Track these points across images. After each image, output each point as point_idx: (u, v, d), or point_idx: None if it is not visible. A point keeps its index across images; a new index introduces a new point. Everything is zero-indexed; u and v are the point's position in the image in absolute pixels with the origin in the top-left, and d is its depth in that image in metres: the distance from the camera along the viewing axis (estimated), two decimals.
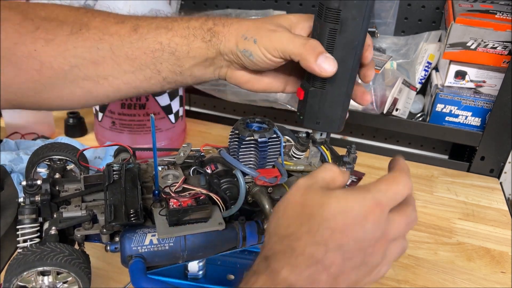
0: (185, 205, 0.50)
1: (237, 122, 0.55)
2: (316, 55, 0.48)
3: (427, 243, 0.77)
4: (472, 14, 0.92)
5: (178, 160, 0.59)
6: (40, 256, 0.46)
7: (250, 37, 0.52)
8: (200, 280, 0.64)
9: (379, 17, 1.08)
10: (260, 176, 0.54)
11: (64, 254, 0.46)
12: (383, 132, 1.17)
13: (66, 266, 0.46)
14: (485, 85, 0.95)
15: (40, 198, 0.52)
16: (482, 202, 0.89)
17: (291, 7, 1.13)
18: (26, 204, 0.52)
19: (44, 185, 0.53)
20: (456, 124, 0.97)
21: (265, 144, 0.54)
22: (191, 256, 0.53)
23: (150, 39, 0.53)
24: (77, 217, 0.51)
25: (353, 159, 0.62)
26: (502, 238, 0.79)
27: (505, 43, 0.89)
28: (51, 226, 0.51)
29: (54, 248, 0.47)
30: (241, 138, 0.53)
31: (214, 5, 1.19)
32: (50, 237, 0.50)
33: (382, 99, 0.98)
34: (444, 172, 0.98)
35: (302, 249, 0.37)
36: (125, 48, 0.54)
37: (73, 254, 0.47)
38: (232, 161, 0.54)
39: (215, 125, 1.11)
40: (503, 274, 0.72)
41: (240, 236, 0.54)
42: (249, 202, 0.57)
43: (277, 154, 0.56)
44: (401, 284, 0.68)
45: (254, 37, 0.52)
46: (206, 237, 0.52)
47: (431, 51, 1.02)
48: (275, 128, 0.55)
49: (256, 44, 0.52)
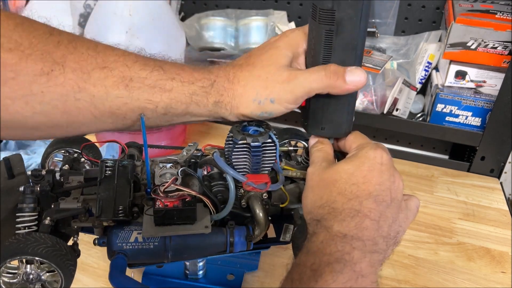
0: (171, 205, 0.50)
1: (234, 124, 0.55)
2: (343, 78, 0.46)
3: (427, 243, 0.77)
4: (472, 14, 0.92)
5: (180, 159, 0.59)
6: (23, 245, 0.46)
7: (264, 99, 0.49)
8: (200, 280, 0.64)
9: (379, 17, 1.08)
10: (248, 182, 0.52)
11: (46, 245, 0.47)
12: (383, 132, 1.16)
13: (47, 257, 0.47)
14: (485, 85, 0.95)
15: (40, 188, 0.52)
16: (482, 202, 0.89)
17: (291, 7, 1.13)
18: (27, 193, 0.52)
19: (47, 175, 0.54)
20: (456, 124, 0.97)
21: (258, 149, 0.53)
22: (175, 257, 0.53)
23: (142, 99, 0.47)
24: (72, 209, 0.52)
25: None
26: (502, 238, 0.79)
27: (505, 43, 0.89)
28: (47, 216, 0.51)
29: (38, 238, 0.47)
30: (234, 142, 0.53)
31: (214, 5, 1.19)
32: (43, 226, 0.50)
33: (382, 99, 0.98)
34: (444, 172, 0.98)
35: (341, 207, 0.44)
36: (109, 102, 0.46)
37: (56, 245, 0.48)
38: (221, 164, 0.53)
39: (215, 125, 1.11)
40: (503, 274, 0.72)
41: (227, 241, 0.53)
42: (243, 206, 0.56)
43: (272, 160, 0.54)
44: (401, 284, 0.68)
45: (269, 97, 0.49)
46: (191, 239, 0.52)
47: (431, 51, 1.02)
48: (271, 132, 0.53)
49: (274, 104, 0.49)
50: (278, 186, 0.56)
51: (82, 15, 1.08)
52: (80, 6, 1.07)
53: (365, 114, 0.99)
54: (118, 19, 0.75)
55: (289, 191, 0.59)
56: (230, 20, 1.12)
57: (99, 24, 0.77)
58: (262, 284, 0.66)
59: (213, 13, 1.14)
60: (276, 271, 0.68)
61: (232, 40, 1.13)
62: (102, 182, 0.53)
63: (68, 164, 0.61)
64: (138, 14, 0.75)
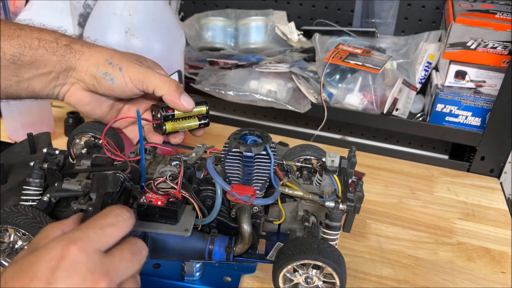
0: (156, 202, 0.50)
1: (235, 130, 0.55)
2: (180, 92, 0.56)
3: (427, 243, 0.77)
4: (472, 14, 0.92)
5: (190, 160, 0.59)
6: (7, 215, 0.49)
7: (115, 64, 0.55)
8: (197, 282, 0.64)
9: (379, 17, 1.08)
10: (231, 191, 0.51)
11: (27, 217, 0.49)
12: (383, 132, 1.17)
13: (25, 227, 0.49)
14: (485, 85, 0.95)
15: (48, 166, 0.56)
16: (482, 202, 0.89)
17: (291, 7, 1.13)
18: (35, 169, 0.56)
19: (59, 155, 0.58)
20: (456, 124, 0.97)
21: (250, 159, 0.52)
22: (152, 254, 0.53)
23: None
24: (71, 190, 0.54)
25: (352, 164, 0.60)
26: (502, 238, 0.79)
27: (505, 43, 0.89)
28: (46, 194, 0.54)
29: (21, 210, 0.50)
30: (229, 149, 0.53)
31: (214, 5, 1.19)
32: (40, 202, 0.53)
33: (382, 99, 0.98)
34: (444, 172, 0.98)
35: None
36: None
37: (37, 218, 0.50)
38: (210, 169, 0.52)
39: (215, 125, 1.11)
40: (503, 274, 0.72)
41: (206, 248, 0.53)
42: (232, 216, 0.55)
43: (267, 174, 0.53)
44: (401, 284, 0.68)
45: (120, 65, 0.55)
46: (171, 239, 0.52)
47: (431, 51, 1.02)
48: (268, 145, 0.52)
49: (121, 72, 0.55)
50: (267, 201, 0.54)
51: (82, 15, 1.08)
52: (80, 6, 1.07)
53: (365, 114, 0.99)
54: (118, 19, 0.75)
55: (288, 209, 0.57)
56: (229, 20, 1.12)
57: (99, 24, 0.77)
58: (262, 285, 0.66)
59: (212, 13, 1.14)
60: None
61: (231, 40, 1.13)
62: None
63: (87, 149, 0.64)
64: (137, 14, 0.75)
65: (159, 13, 0.78)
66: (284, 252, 0.51)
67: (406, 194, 0.90)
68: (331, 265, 0.50)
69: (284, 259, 0.51)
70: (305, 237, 0.53)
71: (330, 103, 1.02)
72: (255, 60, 1.03)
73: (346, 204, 0.53)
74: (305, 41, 1.10)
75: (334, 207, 0.53)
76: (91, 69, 0.55)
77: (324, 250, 0.50)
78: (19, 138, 0.90)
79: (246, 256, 0.55)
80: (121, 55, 0.57)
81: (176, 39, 0.82)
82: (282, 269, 0.52)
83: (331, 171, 0.56)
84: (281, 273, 0.52)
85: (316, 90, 1.01)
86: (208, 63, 1.08)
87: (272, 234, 0.59)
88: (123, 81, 0.55)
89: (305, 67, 1.04)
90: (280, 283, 0.53)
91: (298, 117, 1.09)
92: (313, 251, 0.49)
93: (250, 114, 1.25)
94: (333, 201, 0.53)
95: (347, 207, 0.53)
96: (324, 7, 1.11)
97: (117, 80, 0.55)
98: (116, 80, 0.55)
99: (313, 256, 0.49)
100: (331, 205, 0.53)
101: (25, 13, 1.08)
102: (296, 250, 0.50)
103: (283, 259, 0.51)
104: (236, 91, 0.99)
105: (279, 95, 0.99)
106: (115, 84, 0.56)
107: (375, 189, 0.91)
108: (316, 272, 0.53)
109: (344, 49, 1.02)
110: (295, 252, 0.50)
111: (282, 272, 0.52)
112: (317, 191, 0.57)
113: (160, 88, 0.56)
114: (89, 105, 0.59)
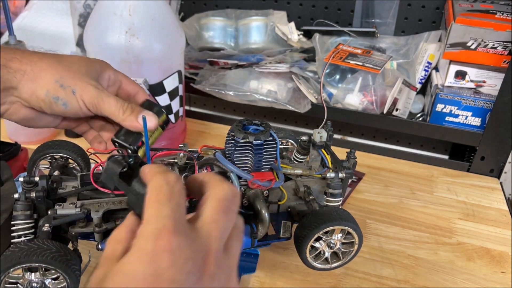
0: None
1: (234, 124, 0.55)
2: (137, 112, 0.53)
3: (427, 243, 0.77)
4: (472, 14, 0.92)
5: (180, 161, 0.59)
6: (26, 253, 0.46)
7: (67, 86, 0.51)
8: None
9: (379, 17, 1.08)
10: (253, 180, 0.54)
11: (51, 251, 0.46)
12: (383, 132, 1.17)
13: (52, 263, 0.46)
14: (485, 85, 0.95)
15: (35, 195, 0.52)
16: (482, 202, 0.89)
17: (291, 7, 1.13)
18: (21, 200, 0.52)
19: (41, 182, 0.54)
20: (456, 124, 0.97)
21: (260, 146, 0.54)
22: None
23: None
24: (71, 214, 0.52)
25: (353, 164, 0.62)
26: (502, 238, 0.79)
27: (505, 43, 0.89)
28: (45, 223, 0.51)
29: (41, 244, 0.47)
30: (236, 141, 0.53)
31: (214, 5, 1.19)
32: (42, 233, 0.50)
33: (382, 99, 0.98)
34: (444, 172, 0.98)
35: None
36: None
37: (61, 251, 0.47)
38: (226, 163, 0.54)
39: (215, 125, 1.11)
40: (503, 274, 0.72)
41: None
42: (244, 205, 0.56)
43: (273, 157, 0.56)
44: (401, 284, 0.68)
45: (73, 87, 0.52)
46: None
47: (431, 51, 1.02)
48: (272, 131, 0.54)
49: (75, 95, 0.52)
50: (280, 183, 0.57)
51: (82, 15, 1.08)
52: (80, 6, 1.07)
53: (365, 114, 0.99)
54: (118, 19, 0.75)
55: (287, 189, 0.60)
56: (230, 20, 1.12)
57: (99, 24, 0.77)
58: (262, 285, 0.66)
59: (213, 13, 1.14)
60: (276, 271, 0.68)
61: (232, 40, 1.13)
62: None
63: (58, 170, 0.61)
64: (138, 14, 0.75)
65: (159, 13, 0.78)
66: (307, 225, 0.56)
67: (406, 194, 0.90)
68: (351, 226, 0.56)
69: (311, 230, 0.55)
70: (323, 208, 0.57)
71: (330, 103, 1.02)
72: (255, 60, 1.04)
73: (344, 172, 0.59)
74: (305, 41, 1.10)
75: (335, 176, 0.59)
76: (39, 93, 0.51)
77: (342, 215, 0.56)
78: (19, 138, 0.90)
79: (264, 239, 0.58)
80: (72, 73, 0.52)
81: (176, 39, 0.82)
82: (309, 241, 0.56)
83: (319, 146, 0.62)
84: (308, 244, 0.56)
85: (316, 90, 1.01)
86: (208, 63, 1.08)
87: (272, 215, 0.61)
88: (77, 105, 0.52)
89: (305, 67, 1.04)
90: (307, 254, 0.57)
91: (298, 117, 1.09)
92: (336, 218, 0.55)
93: (250, 114, 1.25)
94: (333, 172, 0.59)
95: (345, 174, 0.59)
96: (324, 7, 1.11)
97: (70, 105, 0.52)
98: (70, 104, 0.52)
99: (337, 222, 0.55)
100: (332, 175, 0.59)
101: (25, 13, 1.08)
102: (320, 221, 0.55)
103: (310, 231, 0.55)
104: (236, 91, 0.99)
105: (279, 95, 0.99)
106: (68, 108, 0.52)
107: (375, 189, 0.91)
108: (337, 236, 0.58)
109: (344, 49, 1.02)
110: (320, 222, 0.55)
111: (309, 244, 0.56)
112: (305, 167, 0.63)
113: (116, 116, 0.53)
114: (32, 120, 0.55)
